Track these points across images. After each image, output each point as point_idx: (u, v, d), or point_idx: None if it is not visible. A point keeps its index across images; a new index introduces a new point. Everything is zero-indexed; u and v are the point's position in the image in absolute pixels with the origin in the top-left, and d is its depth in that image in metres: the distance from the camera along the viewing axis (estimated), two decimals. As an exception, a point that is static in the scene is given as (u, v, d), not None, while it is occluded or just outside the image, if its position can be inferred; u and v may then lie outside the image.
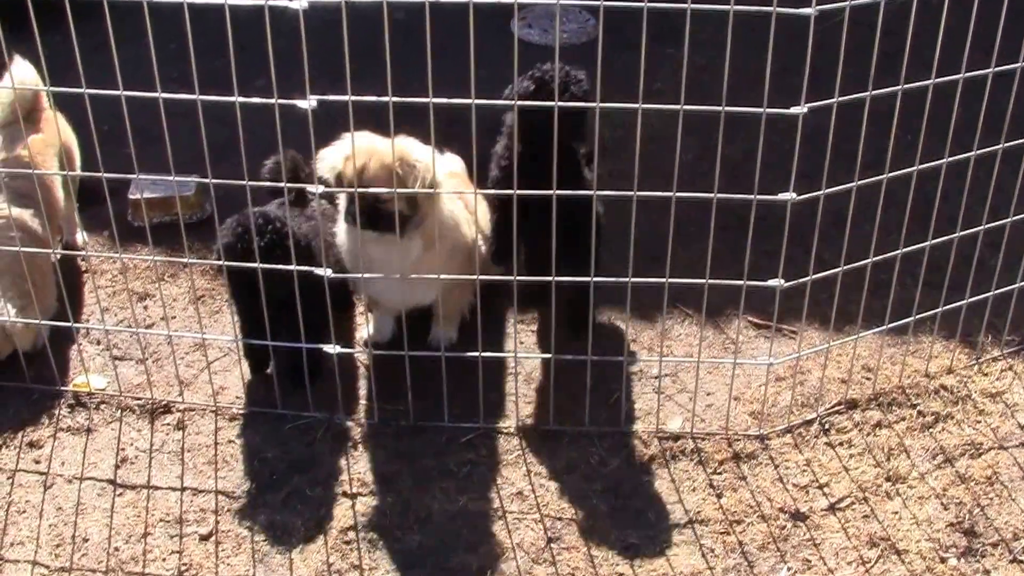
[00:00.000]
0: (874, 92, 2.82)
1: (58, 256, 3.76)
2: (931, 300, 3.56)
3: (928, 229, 3.30)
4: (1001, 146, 3.21)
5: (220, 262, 3.26)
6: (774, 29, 2.55)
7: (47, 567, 3.00)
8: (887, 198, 3.09)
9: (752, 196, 2.88)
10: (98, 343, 3.80)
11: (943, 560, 2.97)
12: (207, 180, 3.06)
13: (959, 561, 2.97)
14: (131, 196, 4.28)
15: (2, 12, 2.81)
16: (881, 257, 3.23)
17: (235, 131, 2.91)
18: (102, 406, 3.53)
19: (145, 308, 3.97)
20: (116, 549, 3.05)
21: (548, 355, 3.31)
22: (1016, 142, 3.24)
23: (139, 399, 3.55)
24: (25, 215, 3.62)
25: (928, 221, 3.29)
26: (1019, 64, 3.07)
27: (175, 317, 3.92)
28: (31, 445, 3.39)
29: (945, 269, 3.50)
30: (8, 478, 3.27)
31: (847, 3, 2.65)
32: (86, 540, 3.08)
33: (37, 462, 3.33)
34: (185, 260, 3.20)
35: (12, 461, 3.32)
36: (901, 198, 3.19)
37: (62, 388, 3.57)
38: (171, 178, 3.42)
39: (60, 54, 2.92)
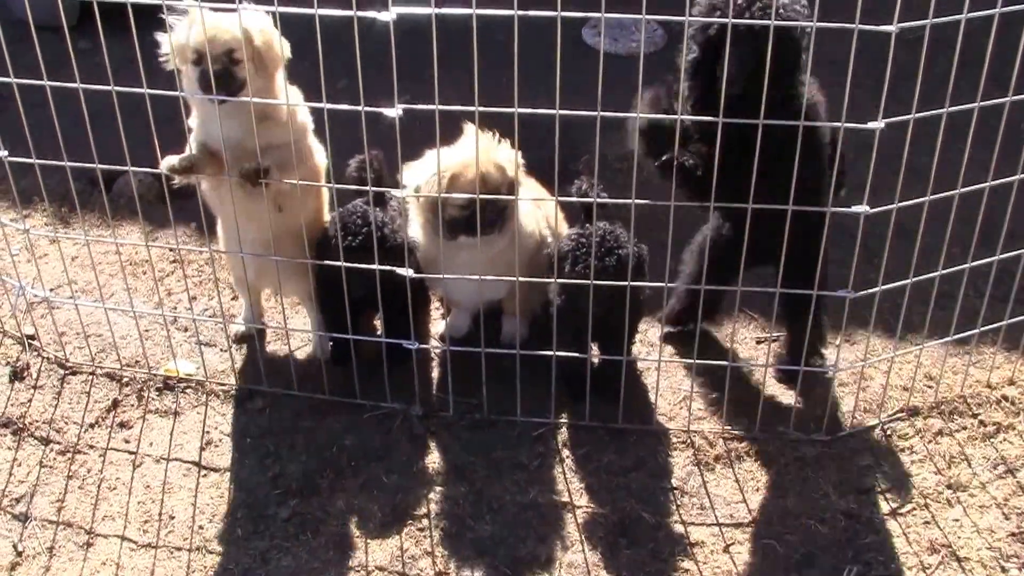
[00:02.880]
0: (951, 108, 2.85)
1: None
2: (994, 313, 3.59)
3: (990, 243, 3.32)
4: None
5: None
6: (852, 46, 2.61)
7: (135, 542, 3.13)
8: (948, 212, 3.11)
9: (827, 208, 2.94)
10: (186, 330, 3.92)
11: (1004, 570, 3.01)
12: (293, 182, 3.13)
13: (1020, 571, 3.00)
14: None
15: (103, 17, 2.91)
16: (951, 270, 3.26)
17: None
18: (189, 391, 3.67)
19: (233, 298, 4.09)
20: (200, 528, 3.18)
21: (620, 357, 3.38)
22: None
23: (224, 385, 3.68)
24: None
25: (989, 235, 3.30)
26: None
27: (258, 307, 4.03)
28: (122, 426, 3.54)
29: (1009, 283, 3.54)
30: (100, 456, 3.42)
31: (928, 21, 2.68)
32: (172, 518, 3.21)
33: (127, 442, 3.48)
34: (272, 256, 3.31)
35: (104, 440, 3.47)
36: (963, 212, 3.18)
37: (152, 372, 3.72)
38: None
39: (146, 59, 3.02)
